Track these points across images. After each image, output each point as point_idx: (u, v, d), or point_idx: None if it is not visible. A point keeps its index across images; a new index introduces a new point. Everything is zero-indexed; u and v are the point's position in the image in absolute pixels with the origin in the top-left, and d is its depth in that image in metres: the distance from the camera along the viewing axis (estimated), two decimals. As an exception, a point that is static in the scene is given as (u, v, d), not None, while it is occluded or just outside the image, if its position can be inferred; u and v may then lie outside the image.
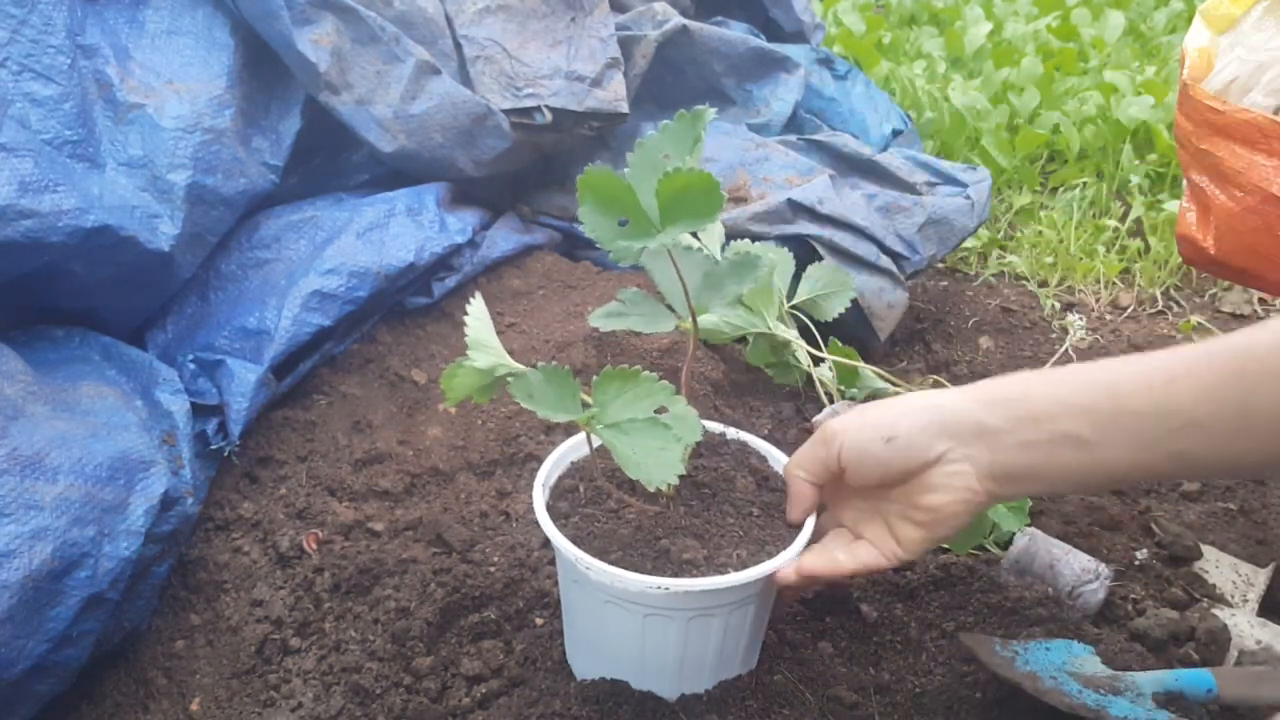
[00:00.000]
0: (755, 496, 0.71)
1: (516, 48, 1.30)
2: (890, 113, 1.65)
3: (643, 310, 0.70)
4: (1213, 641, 0.78)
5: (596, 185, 0.62)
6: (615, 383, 0.63)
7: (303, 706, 0.76)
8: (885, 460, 0.66)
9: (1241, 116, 0.98)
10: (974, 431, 0.64)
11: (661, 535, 0.66)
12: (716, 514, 0.69)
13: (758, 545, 0.67)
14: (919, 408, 0.67)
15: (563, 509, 0.69)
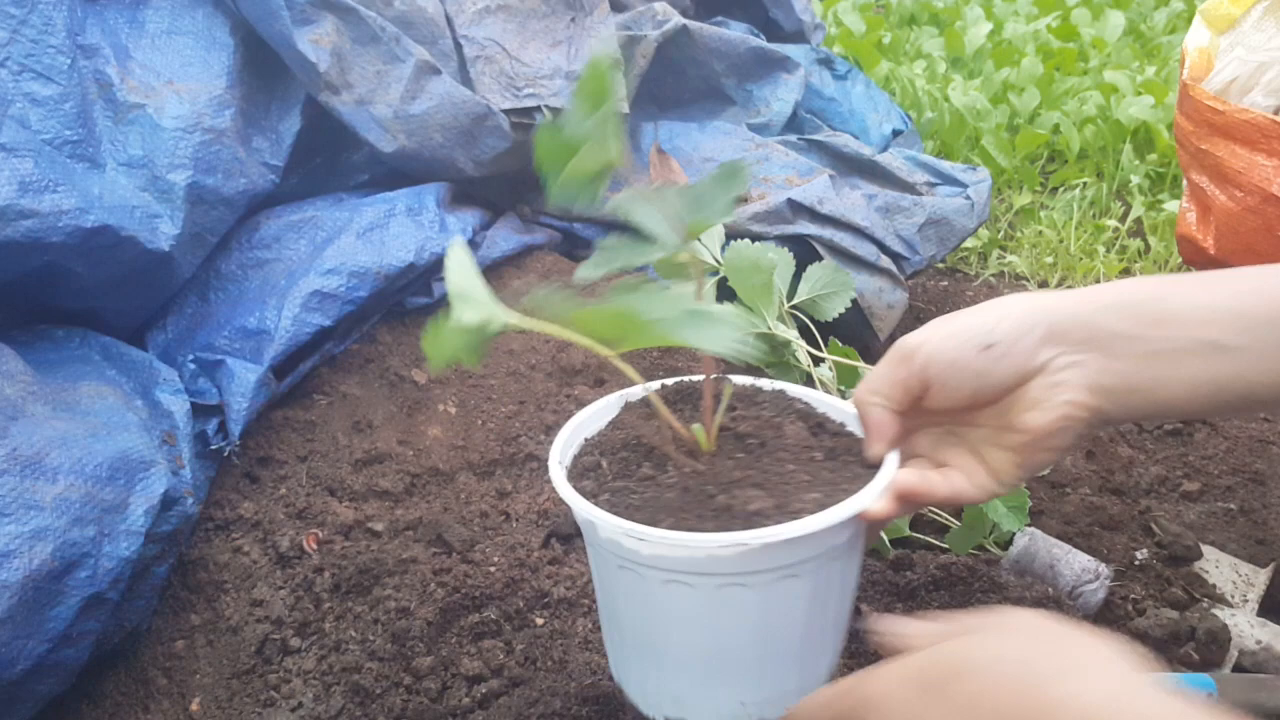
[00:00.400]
0: (813, 442, 0.61)
1: (516, 48, 1.30)
2: (890, 113, 1.65)
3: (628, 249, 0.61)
4: (1213, 641, 0.78)
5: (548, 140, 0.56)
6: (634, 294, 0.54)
7: (303, 706, 0.76)
8: (981, 371, 0.56)
9: (1241, 116, 0.98)
10: (1087, 336, 0.55)
11: (715, 491, 0.56)
12: (772, 463, 0.59)
13: (831, 487, 0.57)
14: (1020, 308, 0.57)
15: (588, 488, 0.60)
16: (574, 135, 0.57)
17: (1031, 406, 0.56)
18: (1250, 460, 1.07)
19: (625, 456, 0.61)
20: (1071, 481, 1.02)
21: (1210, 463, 1.07)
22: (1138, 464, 1.06)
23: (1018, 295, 0.59)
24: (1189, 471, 1.06)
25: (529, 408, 1.06)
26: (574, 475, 0.61)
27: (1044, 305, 0.56)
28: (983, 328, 0.56)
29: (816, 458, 0.59)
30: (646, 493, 0.57)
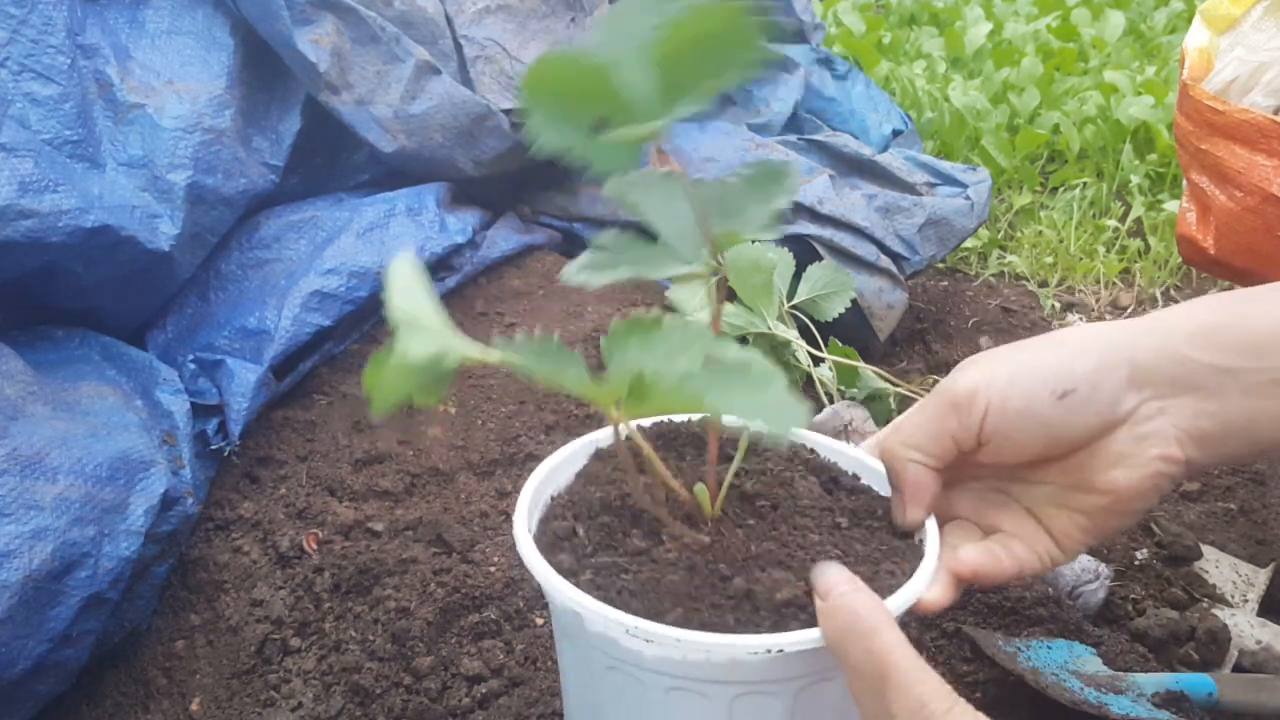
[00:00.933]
0: (831, 502, 0.52)
1: (517, 47, 1.30)
2: (890, 113, 1.65)
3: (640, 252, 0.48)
4: (1213, 641, 0.78)
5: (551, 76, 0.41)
6: (635, 338, 0.43)
7: (303, 706, 0.76)
8: (1055, 423, 0.47)
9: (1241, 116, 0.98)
10: (1174, 376, 0.46)
11: (730, 571, 0.46)
12: (791, 531, 0.49)
13: (870, 566, 0.47)
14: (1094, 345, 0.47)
15: (565, 564, 0.48)
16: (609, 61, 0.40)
17: (1116, 463, 0.47)
18: (1250, 460, 1.07)
19: (607, 522, 0.49)
20: (1071, 481, 1.02)
21: (1210, 463, 1.07)
22: (1138, 464, 1.06)
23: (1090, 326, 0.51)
24: (1189, 471, 1.06)
25: (529, 407, 1.06)
26: (544, 546, 0.49)
27: (1124, 340, 0.48)
28: (1057, 368, 0.47)
29: (841, 524, 0.50)
30: (642, 572, 0.46)
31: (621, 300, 1.22)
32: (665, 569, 0.46)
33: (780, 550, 0.47)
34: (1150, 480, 0.47)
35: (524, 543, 0.48)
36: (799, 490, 0.51)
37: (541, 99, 0.42)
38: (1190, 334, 0.47)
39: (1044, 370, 0.47)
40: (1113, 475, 0.47)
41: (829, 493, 0.52)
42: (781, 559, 0.46)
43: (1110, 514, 0.49)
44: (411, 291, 0.43)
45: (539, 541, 0.49)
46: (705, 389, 0.40)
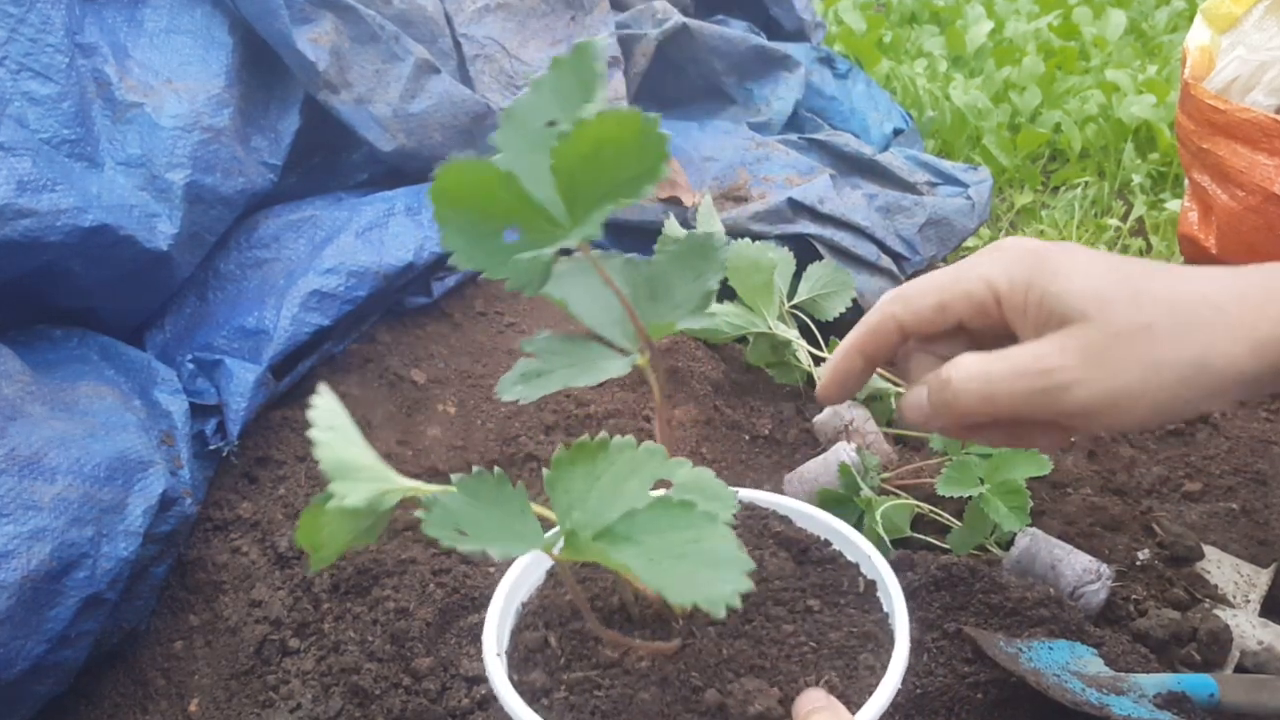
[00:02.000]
0: (802, 580, 0.50)
1: (516, 46, 1.30)
2: (891, 112, 1.65)
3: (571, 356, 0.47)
4: (1214, 642, 0.78)
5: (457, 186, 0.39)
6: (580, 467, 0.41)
7: (301, 707, 0.76)
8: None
9: (1243, 116, 0.98)
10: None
11: (702, 682, 0.44)
12: (763, 623, 0.48)
13: (847, 658, 0.46)
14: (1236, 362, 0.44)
15: (538, 682, 0.46)
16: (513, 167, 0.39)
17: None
18: (1252, 460, 1.07)
19: (578, 629, 0.48)
20: (1073, 482, 1.02)
21: (1212, 463, 1.07)
22: (1139, 464, 1.06)
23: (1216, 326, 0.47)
24: (1190, 472, 1.06)
25: (529, 408, 1.06)
26: (516, 662, 0.48)
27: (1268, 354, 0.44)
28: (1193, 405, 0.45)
29: (812, 606, 0.49)
30: (614, 688, 0.45)
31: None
32: (637, 683, 0.45)
33: (753, 650, 0.46)
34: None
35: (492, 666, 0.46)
36: (769, 569, 0.50)
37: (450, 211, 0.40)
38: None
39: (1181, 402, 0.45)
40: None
41: (800, 565, 0.51)
42: (754, 661, 0.45)
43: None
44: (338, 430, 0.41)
45: (511, 657, 0.48)
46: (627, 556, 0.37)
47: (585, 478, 0.41)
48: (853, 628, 0.47)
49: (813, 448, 1.06)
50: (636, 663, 0.46)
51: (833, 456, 0.94)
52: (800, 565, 0.51)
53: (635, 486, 0.40)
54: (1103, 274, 0.45)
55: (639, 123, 0.36)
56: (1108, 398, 0.44)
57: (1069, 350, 0.44)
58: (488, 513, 0.40)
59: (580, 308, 0.46)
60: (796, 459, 1.04)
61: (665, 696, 0.44)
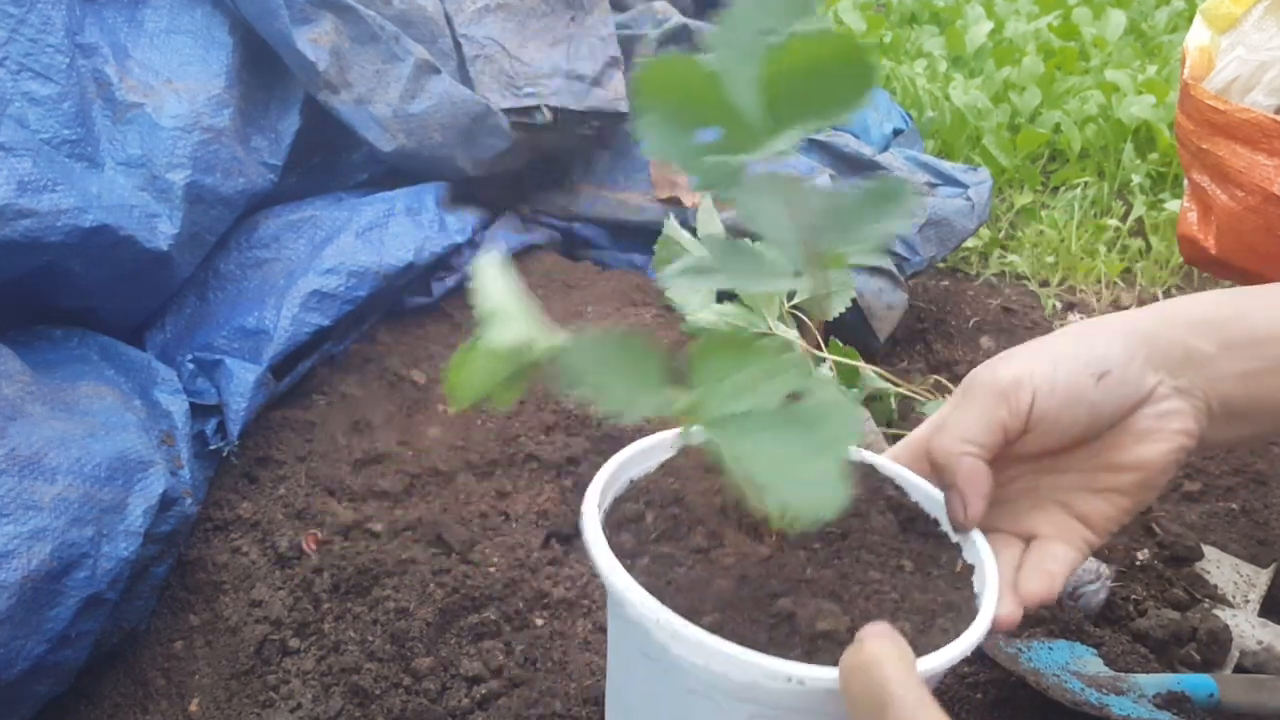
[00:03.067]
0: (901, 543, 0.51)
1: (516, 47, 1.30)
2: (891, 112, 1.65)
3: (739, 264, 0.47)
4: (1214, 642, 0.78)
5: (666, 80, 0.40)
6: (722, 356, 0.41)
7: (302, 707, 0.76)
8: (1096, 405, 0.50)
9: (1242, 116, 0.98)
10: (1184, 358, 0.50)
11: (780, 589, 0.45)
12: (853, 564, 0.48)
13: (923, 618, 0.46)
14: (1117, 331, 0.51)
15: (626, 544, 0.48)
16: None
17: (1141, 439, 0.50)
18: (1252, 460, 1.07)
19: (676, 514, 0.50)
20: (1072, 482, 1.02)
21: (1211, 463, 1.07)
22: (1139, 464, 1.06)
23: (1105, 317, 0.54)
24: (1190, 472, 1.06)
25: (529, 407, 1.06)
26: (612, 524, 0.50)
27: (1140, 326, 0.51)
28: (1093, 352, 0.50)
29: (905, 566, 0.49)
30: (695, 570, 0.46)
31: (621, 300, 1.22)
32: (718, 572, 0.46)
33: (836, 581, 0.46)
34: (1173, 454, 0.51)
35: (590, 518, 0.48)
36: (873, 524, 0.50)
37: (652, 100, 0.41)
38: (1191, 323, 0.51)
39: (1080, 354, 0.51)
40: (1140, 451, 0.51)
41: (904, 532, 0.52)
42: (835, 589, 0.46)
43: (1140, 489, 0.52)
44: (500, 285, 0.43)
45: (609, 518, 0.50)
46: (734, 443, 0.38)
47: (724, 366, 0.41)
48: (938, 595, 0.47)
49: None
50: (723, 557, 0.47)
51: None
52: (904, 533, 0.51)
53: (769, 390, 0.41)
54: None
55: (853, 47, 0.37)
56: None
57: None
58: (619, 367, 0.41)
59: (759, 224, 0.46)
60: (796, 459, 1.04)
61: (740, 592, 0.45)
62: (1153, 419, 0.50)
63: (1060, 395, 0.50)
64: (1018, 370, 0.51)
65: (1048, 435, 0.51)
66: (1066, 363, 0.50)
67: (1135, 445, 0.51)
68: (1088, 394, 0.50)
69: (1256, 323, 0.51)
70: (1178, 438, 0.50)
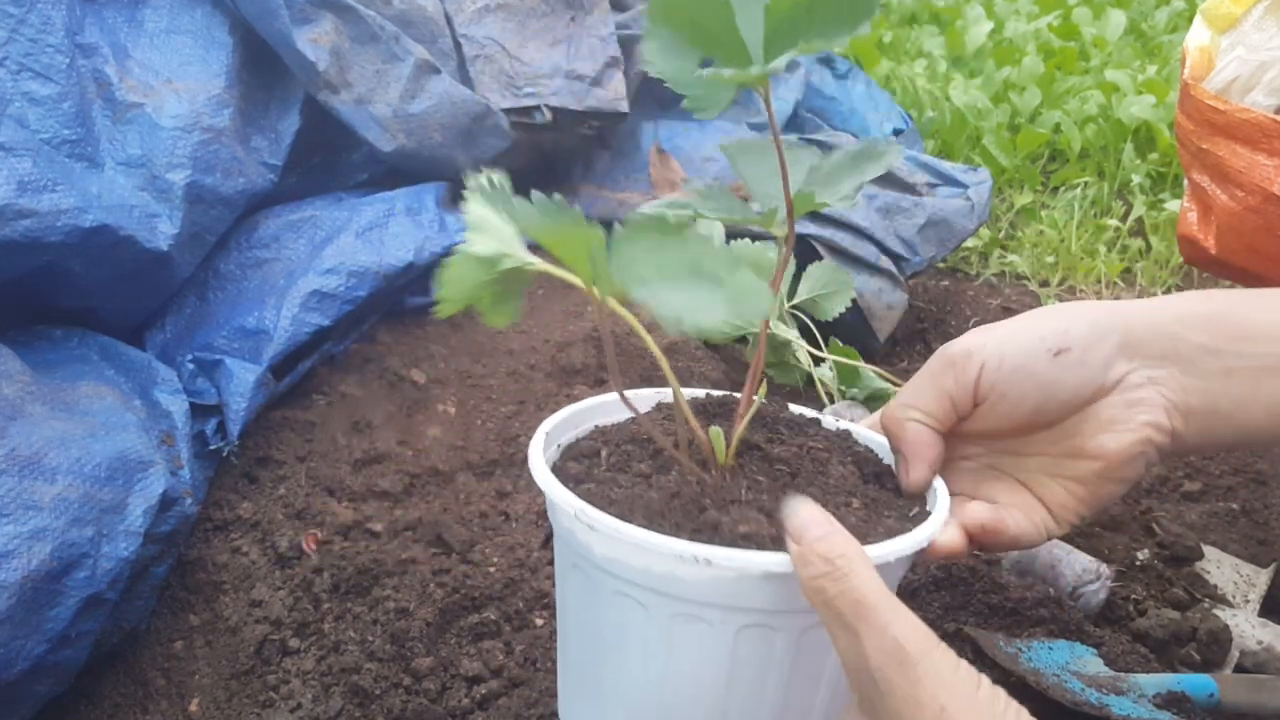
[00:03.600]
0: (856, 488, 0.50)
1: (516, 47, 1.30)
2: (891, 112, 1.65)
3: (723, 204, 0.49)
4: (1214, 642, 0.78)
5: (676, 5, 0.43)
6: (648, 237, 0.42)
7: (302, 707, 0.76)
8: (1049, 382, 0.48)
9: (1242, 116, 0.98)
10: (1164, 349, 0.48)
11: (711, 505, 0.46)
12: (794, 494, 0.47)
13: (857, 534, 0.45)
14: (1089, 312, 0.49)
15: (573, 471, 0.50)
16: None
17: (1105, 428, 0.49)
18: (1252, 460, 1.07)
19: (629, 450, 0.52)
20: (1072, 482, 1.02)
21: (1212, 463, 1.07)
22: (1139, 464, 1.06)
23: (1090, 301, 0.52)
24: (1190, 472, 1.06)
25: (529, 408, 1.06)
26: (568, 456, 0.52)
27: (1116, 310, 0.49)
28: (1053, 330, 0.49)
29: (852, 504, 0.48)
30: (634, 489, 0.47)
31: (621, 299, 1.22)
32: (653, 490, 0.47)
33: (770, 503, 0.46)
34: (1139, 446, 0.49)
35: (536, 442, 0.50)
36: (830, 471, 0.50)
37: (663, 26, 0.43)
38: (1181, 315, 0.49)
39: (1039, 329, 0.49)
40: (1102, 440, 0.49)
41: (864, 482, 0.51)
42: (766, 508, 0.46)
43: (1101, 480, 0.50)
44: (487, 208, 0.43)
45: (568, 451, 0.53)
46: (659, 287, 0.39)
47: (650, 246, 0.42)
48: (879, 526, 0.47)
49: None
50: (665, 482, 0.48)
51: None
52: (865, 483, 0.51)
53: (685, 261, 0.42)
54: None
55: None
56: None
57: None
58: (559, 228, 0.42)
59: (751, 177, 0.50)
60: (796, 459, 1.04)
61: (670, 505, 0.46)
62: (1119, 408, 0.48)
63: (1009, 367, 0.48)
64: (971, 342, 0.50)
65: (999, 410, 0.50)
66: (1021, 336, 0.49)
67: (1098, 433, 0.49)
68: (1040, 369, 0.48)
69: (1249, 318, 0.48)
70: (1144, 429, 0.48)
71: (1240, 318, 0.48)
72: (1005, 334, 0.50)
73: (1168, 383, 0.48)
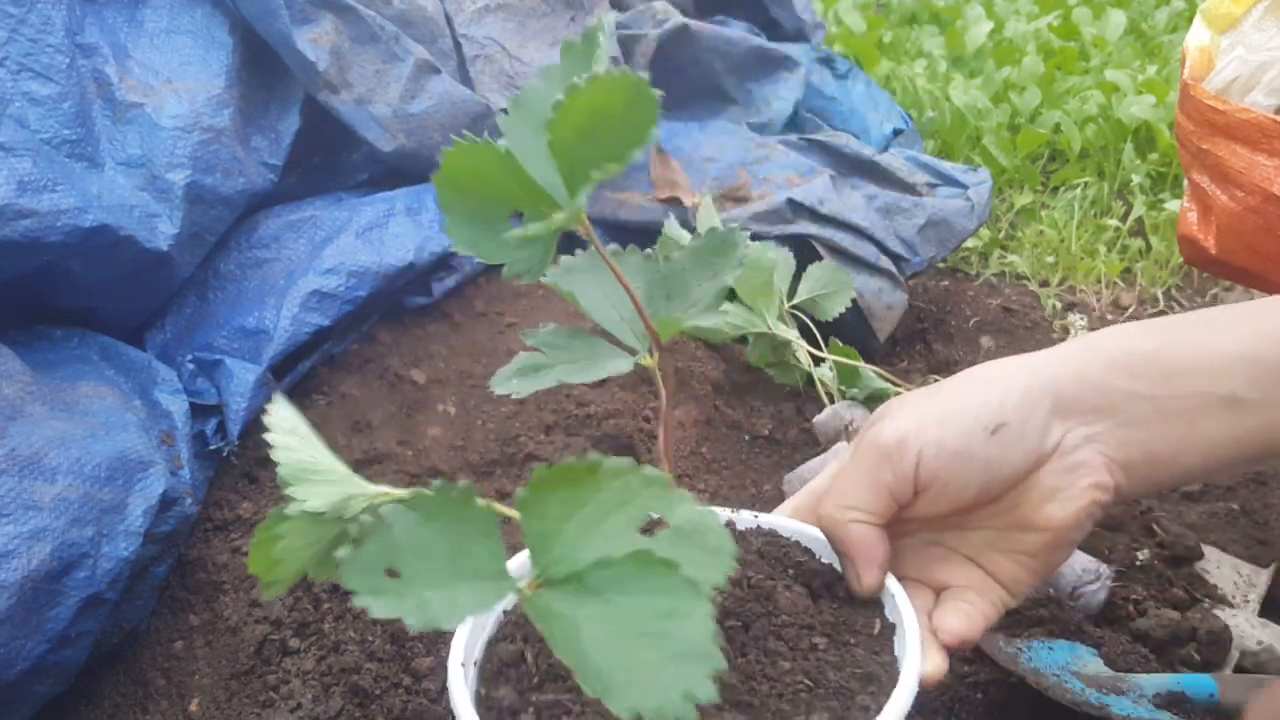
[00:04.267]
0: (813, 617, 0.46)
1: (516, 46, 1.30)
2: (891, 112, 1.65)
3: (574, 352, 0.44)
4: (1214, 642, 0.78)
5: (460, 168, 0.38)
6: (560, 492, 0.34)
7: (302, 707, 0.76)
8: (991, 461, 0.46)
9: (1242, 116, 0.98)
10: (1096, 404, 0.46)
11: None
12: (759, 658, 0.44)
13: (844, 698, 0.42)
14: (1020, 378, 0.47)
15: (505, 700, 0.43)
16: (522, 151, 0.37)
17: (1049, 498, 0.47)
18: (1251, 460, 1.07)
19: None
20: (1072, 482, 1.02)
21: (1211, 463, 1.07)
22: (1139, 464, 1.06)
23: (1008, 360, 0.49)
24: (1190, 472, 1.06)
25: (529, 407, 1.06)
26: (488, 675, 0.45)
27: (1044, 371, 0.47)
28: (987, 406, 0.46)
29: (818, 645, 0.45)
30: (585, 715, 0.41)
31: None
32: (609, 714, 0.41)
33: (742, 685, 0.42)
34: (1085, 511, 0.47)
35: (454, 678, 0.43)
36: (780, 604, 0.46)
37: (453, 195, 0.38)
38: (1108, 361, 0.47)
39: (973, 408, 0.46)
40: (1049, 510, 0.47)
41: (815, 601, 0.48)
42: (741, 697, 0.41)
43: (1051, 549, 0.48)
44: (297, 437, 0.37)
45: (484, 669, 0.45)
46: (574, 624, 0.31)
47: (564, 505, 0.34)
48: (856, 668, 0.44)
49: (813, 448, 1.06)
50: None
51: (833, 456, 0.94)
52: (817, 602, 0.48)
53: (621, 524, 0.34)
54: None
55: (629, 84, 0.34)
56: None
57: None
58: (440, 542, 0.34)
59: (589, 302, 0.44)
60: (796, 459, 1.04)
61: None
62: (1060, 474, 0.46)
63: (949, 454, 0.46)
64: (904, 428, 0.46)
65: (943, 496, 0.47)
66: (956, 418, 0.46)
67: (1043, 504, 0.47)
68: (980, 450, 0.46)
69: (1173, 358, 0.46)
70: (1089, 493, 0.46)
71: (1173, 354, 0.46)
72: (938, 416, 0.47)
73: (1105, 439, 0.46)
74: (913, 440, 0.46)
